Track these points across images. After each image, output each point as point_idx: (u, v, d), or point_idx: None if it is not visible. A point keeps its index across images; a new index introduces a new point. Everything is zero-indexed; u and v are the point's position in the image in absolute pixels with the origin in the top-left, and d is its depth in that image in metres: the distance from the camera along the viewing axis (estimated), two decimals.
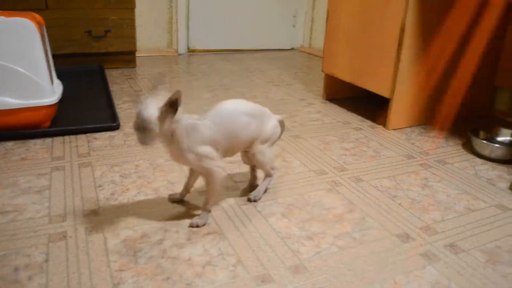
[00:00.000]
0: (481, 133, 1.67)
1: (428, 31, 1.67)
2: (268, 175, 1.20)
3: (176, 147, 0.98)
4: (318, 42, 3.39)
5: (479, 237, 1.07)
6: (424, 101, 1.80)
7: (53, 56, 1.78)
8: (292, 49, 3.54)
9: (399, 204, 1.20)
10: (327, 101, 2.13)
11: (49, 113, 1.57)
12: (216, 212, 1.12)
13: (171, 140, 0.97)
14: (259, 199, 1.18)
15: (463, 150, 1.62)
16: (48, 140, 1.52)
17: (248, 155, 1.14)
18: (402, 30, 1.61)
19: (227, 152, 1.07)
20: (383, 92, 1.75)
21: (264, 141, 1.12)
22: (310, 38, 3.48)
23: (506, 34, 1.92)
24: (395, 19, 1.64)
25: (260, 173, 1.25)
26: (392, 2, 1.64)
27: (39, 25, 1.57)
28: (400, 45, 1.64)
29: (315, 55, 3.31)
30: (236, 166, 1.38)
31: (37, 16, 1.65)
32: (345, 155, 1.51)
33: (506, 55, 1.94)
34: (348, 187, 1.29)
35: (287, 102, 2.08)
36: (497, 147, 1.53)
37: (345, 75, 1.95)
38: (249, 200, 1.17)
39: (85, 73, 2.38)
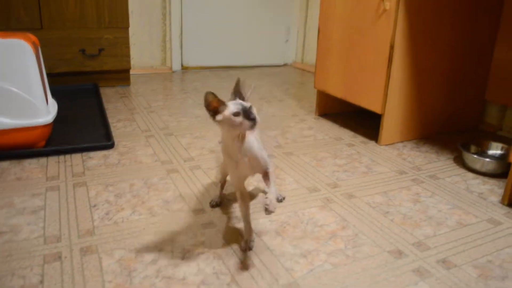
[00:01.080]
0: (472, 147, 1.70)
1: (417, 48, 1.71)
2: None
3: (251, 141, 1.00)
4: (311, 57, 3.43)
5: (470, 252, 1.09)
6: (415, 116, 1.83)
7: (48, 75, 1.79)
8: (285, 64, 3.58)
9: (391, 220, 1.22)
10: (319, 117, 2.15)
11: (44, 132, 1.58)
12: (209, 230, 1.13)
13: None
14: None
15: (455, 164, 1.64)
16: (43, 160, 1.53)
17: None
18: (392, 47, 1.65)
19: None
20: (375, 108, 1.77)
21: None
22: (303, 53, 3.52)
23: (494, 50, 1.96)
24: (384, 37, 1.67)
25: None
26: (381, 19, 1.67)
27: (34, 45, 1.59)
28: (390, 61, 1.67)
29: (307, 71, 3.34)
30: (228, 185, 1.39)
31: (32, 36, 1.67)
32: (338, 171, 1.53)
33: (495, 70, 1.98)
34: (341, 203, 1.30)
35: (279, 119, 2.10)
36: (488, 161, 1.55)
37: (337, 92, 1.98)
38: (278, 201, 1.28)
39: (80, 92, 2.40)
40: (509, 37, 1.91)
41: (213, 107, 0.94)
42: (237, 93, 0.99)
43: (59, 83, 2.46)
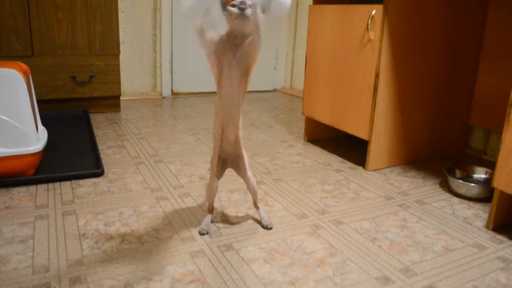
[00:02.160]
0: (457, 172, 1.73)
1: (402, 76, 1.75)
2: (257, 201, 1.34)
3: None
4: (299, 83, 3.48)
5: (456, 277, 1.10)
6: (401, 142, 1.87)
7: (38, 101, 1.81)
8: (274, 90, 3.63)
9: (379, 246, 1.23)
10: (308, 143, 2.18)
11: (33, 160, 1.58)
12: (199, 259, 1.13)
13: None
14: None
15: (441, 189, 1.67)
16: (32, 188, 1.53)
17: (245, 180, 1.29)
18: (377, 75, 1.69)
19: None
20: (362, 134, 1.81)
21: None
22: (291, 79, 3.58)
23: (477, 77, 2.02)
24: (369, 65, 1.72)
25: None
26: (366, 49, 1.72)
27: (25, 74, 1.61)
28: (375, 89, 1.71)
29: (296, 96, 3.39)
30: (219, 212, 1.40)
31: (23, 65, 1.69)
32: (326, 197, 1.55)
33: (478, 95, 2.03)
34: (329, 230, 1.31)
35: (268, 145, 2.12)
36: (473, 186, 1.58)
37: (325, 118, 2.02)
38: (268, 228, 1.30)
39: (70, 118, 2.41)
40: (490, 65, 1.97)
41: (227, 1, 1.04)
42: None
43: (49, 109, 2.48)
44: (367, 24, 1.69)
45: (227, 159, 1.26)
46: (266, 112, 2.81)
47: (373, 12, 1.66)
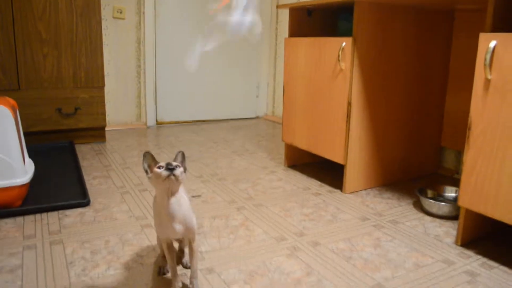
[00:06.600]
0: (429, 192, 1.82)
1: (373, 103, 1.86)
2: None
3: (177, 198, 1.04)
4: (280, 110, 3.59)
5: None
6: (376, 165, 1.96)
7: (25, 133, 1.86)
8: (257, 117, 3.72)
9: (353, 265, 1.30)
10: (288, 168, 2.26)
11: (21, 192, 1.63)
12: (183, 283, 1.19)
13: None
14: None
15: (414, 209, 1.75)
16: (20, 219, 1.57)
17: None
18: (349, 103, 1.79)
19: None
20: (338, 159, 1.89)
21: None
22: (273, 106, 3.68)
23: (445, 101, 2.14)
24: (342, 93, 1.82)
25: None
26: (338, 78, 1.83)
27: (13, 109, 1.67)
28: (348, 116, 1.81)
29: (278, 123, 3.49)
30: (201, 237, 1.46)
31: (11, 100, 1.75)
32: (305, 220, 1.62)
33: (448, 118, 2.15)
34: (307, 251, 1.38)
35: (250, 171, 2.20)
36: (443, 204, 1.67)
37: (303, 144, 2.10)
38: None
39: (56, 150, 2.46)
40: (456, 90, 2.09)
41: (152, 169, 1.03)
42: (176, 160, 1.08)
43: (35, 141, 2.53)
44: (338, 55, 1.80)
45: None
46: (249, 139, 2.89)
47: (343, 44, 1.77)
